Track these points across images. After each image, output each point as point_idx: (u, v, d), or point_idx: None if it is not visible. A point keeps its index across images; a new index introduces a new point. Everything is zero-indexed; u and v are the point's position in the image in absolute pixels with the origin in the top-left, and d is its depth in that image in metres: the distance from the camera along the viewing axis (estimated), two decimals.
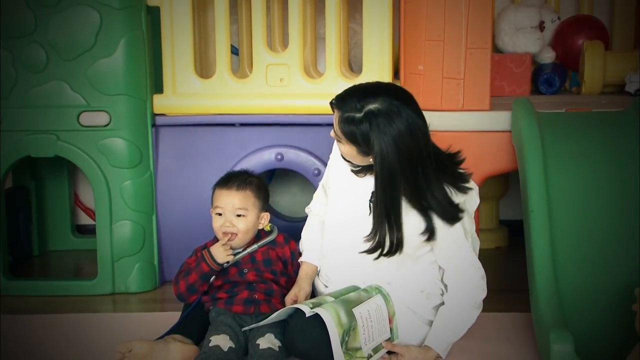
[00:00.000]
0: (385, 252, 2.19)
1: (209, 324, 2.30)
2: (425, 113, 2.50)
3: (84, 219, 3.79)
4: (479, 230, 2.74)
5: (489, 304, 2.68)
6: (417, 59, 2.77)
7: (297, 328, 2.12)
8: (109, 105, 2.90)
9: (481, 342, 2.38)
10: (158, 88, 3.03)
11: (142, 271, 2.99)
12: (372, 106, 2.11)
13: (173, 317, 2.41)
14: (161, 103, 3.01)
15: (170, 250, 3.05)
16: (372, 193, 2.24)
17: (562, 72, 3.55)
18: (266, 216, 2.43)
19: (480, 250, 2.81)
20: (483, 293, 2.27)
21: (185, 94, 3.00)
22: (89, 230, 3.63)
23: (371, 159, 2.17)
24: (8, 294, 2.96)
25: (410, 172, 2.13)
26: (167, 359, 2.18)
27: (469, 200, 2.27)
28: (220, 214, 2.37)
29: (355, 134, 2.13)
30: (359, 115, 2.11)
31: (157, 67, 3.02)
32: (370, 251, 2.20)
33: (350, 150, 2.20)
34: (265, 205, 2.45)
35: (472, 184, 2.29)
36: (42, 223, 3.55)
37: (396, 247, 2.18)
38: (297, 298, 2.32)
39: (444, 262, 2.27)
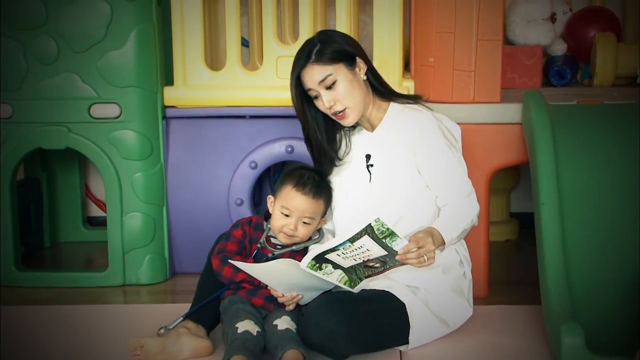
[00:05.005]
0: None
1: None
2: (436, 105, 2.54)
3: (95, 211, 3.81)
4: (489, 222, 2.74)
5: (499, 296, 2.68)
6: (428, 51, 2.75)
7: (313, 320, 2.10)
8: (120, 97, 2.90)
9: (491, 335, 2.38)
10: (168, 80, 3.03)
11: (152, 263, 3.00)
12: (311, 38, 2.32)
13: (183, 308, 2.41)
14: (171, 95, 3.01)
15: (180, 242, 3.06)
16: (366, 156, 2.33)
17: (574, 64, 3.53)
18: (323, 221, 2.39)
19: (491, 242, 2.81)
20: (476, 205, 2.29)
21: (196, 86, 3.00)
22: (100, 222, 3.64)
23: (358, 67, 2.29)
24: (19, 285, 2.97)
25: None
26: (180, 353, 2.18)
27: (448, 121, 2.38)
28: (287, 215, 2.30)
29: (335, 50, 2.25)
30: (318, 44, 2.26)
31: (167, 59, 3.02)
32: None
33: (344, 78, 2.26)
34: (327, 210, 2.41)
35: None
36: (53, 215, 3.57)
37: None
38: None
39: (431, 176, 2.29)
